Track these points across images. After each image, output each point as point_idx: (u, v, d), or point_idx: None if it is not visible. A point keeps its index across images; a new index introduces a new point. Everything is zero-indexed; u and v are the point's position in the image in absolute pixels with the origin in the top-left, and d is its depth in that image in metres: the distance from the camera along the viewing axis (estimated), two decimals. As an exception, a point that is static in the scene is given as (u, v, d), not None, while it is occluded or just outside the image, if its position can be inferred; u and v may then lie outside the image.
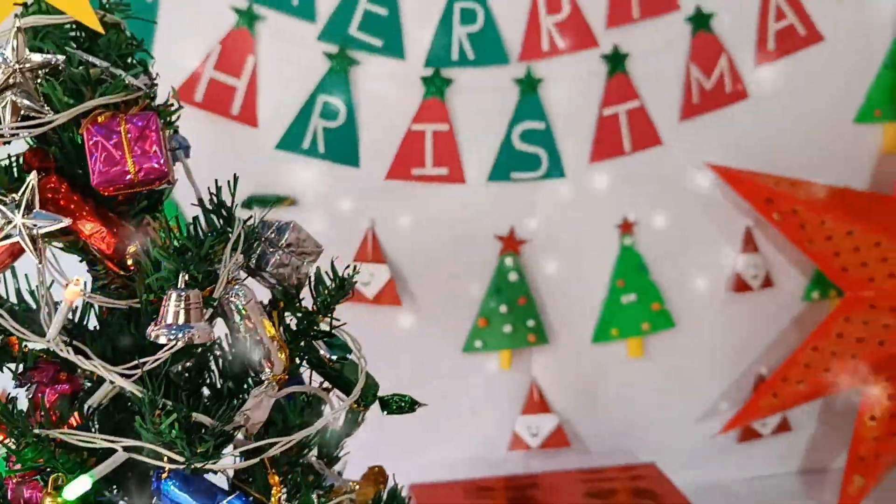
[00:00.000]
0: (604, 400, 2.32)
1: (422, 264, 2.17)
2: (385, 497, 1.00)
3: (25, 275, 0.77)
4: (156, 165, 0.67)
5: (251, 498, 0.72)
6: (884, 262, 2.05)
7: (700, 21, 2.13)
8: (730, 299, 2.30)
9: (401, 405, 1.03)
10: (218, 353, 0.80)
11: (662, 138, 2.18)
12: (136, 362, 0.66)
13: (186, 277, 0.67)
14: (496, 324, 2.19)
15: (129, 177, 0.65)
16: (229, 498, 0.69)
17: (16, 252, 0.69)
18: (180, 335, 0.66)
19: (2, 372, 0.69)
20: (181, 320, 0.66)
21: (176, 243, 0.66)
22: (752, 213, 2.23)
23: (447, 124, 2.09)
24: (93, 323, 0.75)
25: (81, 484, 0.64)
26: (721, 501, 2.29)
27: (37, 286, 0.72)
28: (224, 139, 2.01)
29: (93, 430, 0.68)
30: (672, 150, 2.19)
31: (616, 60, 2.11)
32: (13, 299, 0.74)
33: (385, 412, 1.05)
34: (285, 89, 2.02)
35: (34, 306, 0.74)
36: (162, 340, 0.66)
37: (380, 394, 1.04)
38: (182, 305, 0.66)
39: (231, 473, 0.77)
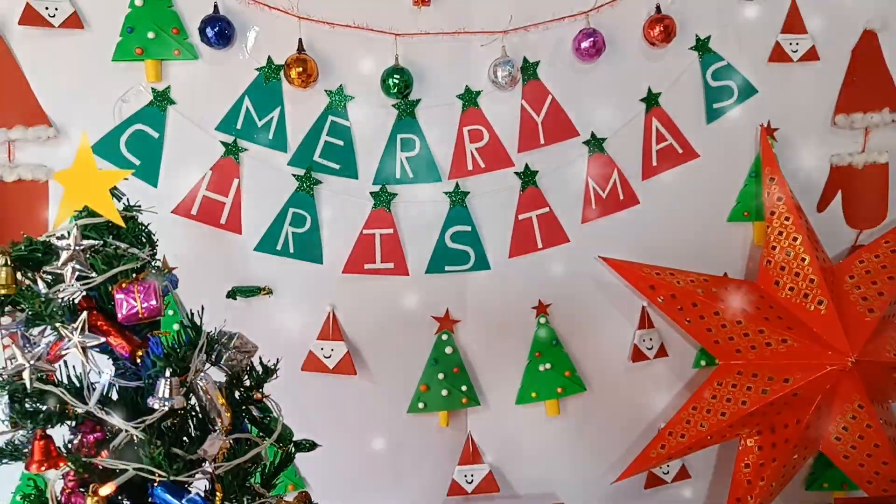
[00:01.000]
0: (528, 452, 2.73)
1: (373, 341, 2.59)
2: (309, 513, 1.44)
3: (73, 366, 1.25)
4: (154, 308, 1.16)
5: (205, 497, 1.18)
6: (745, 336, 2.50)
7: (595, 144, 2.59)
8: (631, 367, 2.75)
9: (307, 445, 1.48)
10: (193, 413, 1.26)
11: (569, 237, 2.64)
12: (141, 419, 1.13)
13: (169, 371, 1.15)
14: (435, 389, 2.62)
15: (139, 316, 1.14)
16: (190, 496, 1.16)
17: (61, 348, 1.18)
18: (166, 404, 1.14)
19: (62, 425, 1.15)
20: (167, 395, 1.13)
21: (165, 350, 1.15)
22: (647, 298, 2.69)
23: (392, 229, 2.53)
24: (115, 396, 1.22)
25: (110, 487, 1.11)
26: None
27: (82, 373, 1.19)
28: (214, 243, 2.47)
29: (115, 458, 1.14)
30: (577, 247, 2.63)
31: (528, 176, 2.58)
32: (65, 380, 1.21)
33: (295, 451, 1.50)
34: (263, 204, 2.47)
35: (79, 385, 1.21)
36: (156, 406, 1.13)
37: (296, 439, 1.49)
38: (168, 386, 1.14)
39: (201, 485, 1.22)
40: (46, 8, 2.28)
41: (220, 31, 2.34)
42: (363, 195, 2.53)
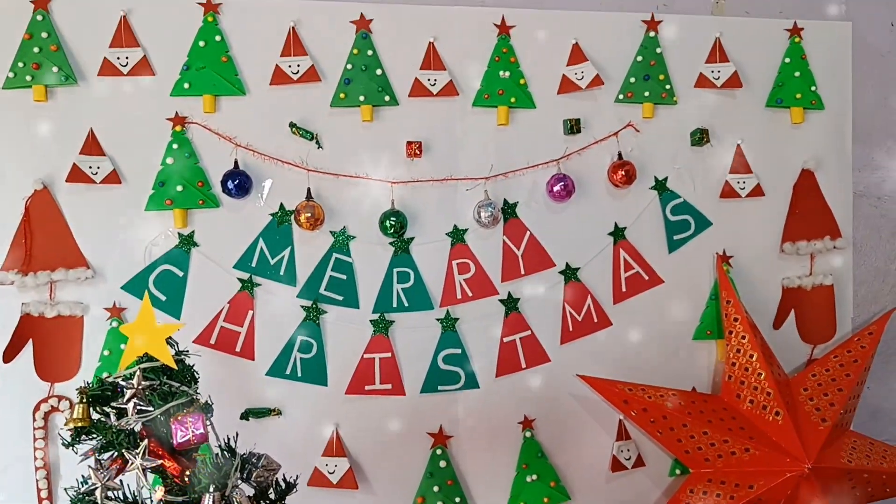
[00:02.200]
0: (518, 561, 2.94)
1: (373, 456, 2.82)
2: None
3: (128, 484, 1.51)
4: (203, 436, 1.43)
5: None
6: (712, 446, 2.74)
7: (570, 274, 2.91)
8: (611, 477, 2.98)
9: None
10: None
11: (550, 357, 2.93)
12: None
13: (213, 487, 1.41)
14: (431, 501, 2.80)
15: (190, 442, 1.41)
16: None
17: (121, 471, 1.44)
18: (211, 517, 1.40)
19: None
20: (210, 508, 1.40)
21: (209, 470, 1.41)
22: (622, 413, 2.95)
23: (390, 353, 2.80)
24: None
25: None
26: None
27: (136, 490, 1.45)
28: (230, 369, 2.73)
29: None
30: (557, 366, 2.91)
31: (511, 303, 2.88)
32: (121, 496, 1.47)
33: None
34: (273, 332, 2.75)
35: (133, 501, 1.47)
36: (202, 518, 1.39)
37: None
38: (211, 500, 1.40)
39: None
40: (90, 167, 2.64)
41: (239, 183, 2.69)
42: (364, 323, 2.82)
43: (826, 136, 3.09)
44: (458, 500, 2.85)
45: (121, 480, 1.46)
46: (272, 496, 1.57)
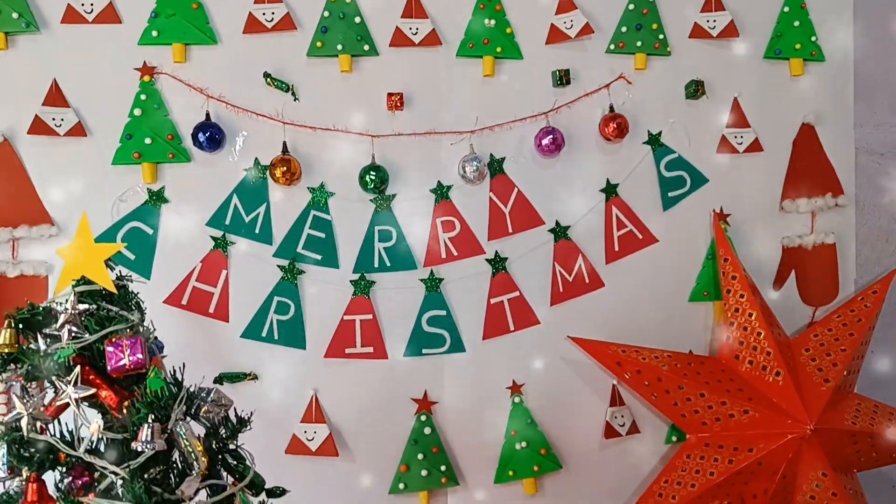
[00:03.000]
0: (507, 532, 2.82)
1: (354, 423, 2.70)
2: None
3: (66, 422, 1.38)
4: (140, 361, 1.31)
5: None
6: (709, 409, 2.61)
7: (559, 232, 2.79)
8: (605, 444, 2.85)
9: (278, 492, 1.59)
10: (174, 464, 1.37)
11: (539, 319, 2.80)
12: (126, 464, 1.25)
13: (152, 418, 1.28)
14: (415, 469, 2.70)
15: (126, 366, 1.29)
16: None
17: (62, 409, 1.31)
18: (148, 447, 1.27)
19: (54, 470, 1.26)
20: (149, 438, 1.27)
21: (149, 399, 1.29)
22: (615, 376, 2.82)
23: (371, 315, 2.68)
24: (103, 448, 1.34)
25: None
26: None
27: (74, 426, 1.32)
28: (203, 331, 2.61)
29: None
30: (547, 328, 2.78)
31: (498, 263, 2.75)
32: (58, 434, 1.34)
33: (268, 496, 1.61)
34: (249, 293, 2.63)
35: (70, 438, 1.33)
36: (139, 449, 1.26)
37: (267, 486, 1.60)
38: (150, 430, 1.27)
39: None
40: (53, 119, 2.51)
41: (211, 135, 2.56)
42: (344, 284, 2.70)
43: (827, 89, 2.96)
44: (443, 468, 2.73)
45: (59, 420, 1.34)
46: (223, 434, 1.45)
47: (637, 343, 2.78)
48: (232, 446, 1.48)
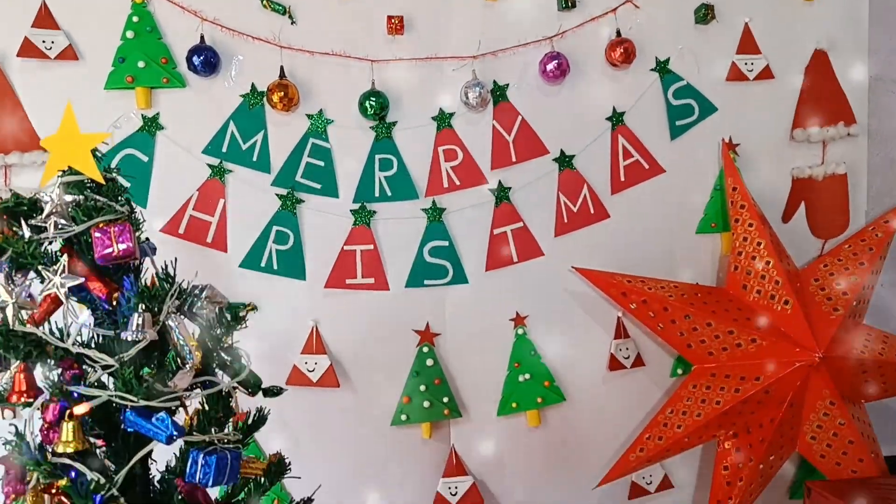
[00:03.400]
0: (511, 463, 2.77)
1: (356, 354, 2.66)
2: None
3: (56, 321, 1.33)
4: (129, 249, 1.26)
5: (173, 419, 1.25)
6: (716, 338, 2.57)
7: (564, 161, 2.72)
8: (609, 377, 2.82)
9: (274, 391, 1.55)
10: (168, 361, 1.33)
11: (543, 250, 2.75)
12: (118, 356, 1.21)
13: (143, 307, 1.24)
14: (417, 401, 2.67)
15: (113, 254, 1.24)
16: (159, 415, 1.23)
17: (56, 302, 1.27)
18: (139, 336, 1.23)
19: (42, 363, 1.22)
20: (140, 327, 1.22)
21: (140, 287, 1.24)
22: (621, 307, 2.77)
23: (372, 245, 2.63)
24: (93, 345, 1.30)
25: (84, 407, 1.18)
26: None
27: (64, 321, 1.28)
28: (200, 261, 2.53)
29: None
30: (551, 260, 2.73)
31: (501, 193, 2.69)
32: (47, 329, 1.29)
33: (265, 396, 1.57)
34: (247, 222, 2.58)
35: (59, 333, 1.28)
36: (129, 338, 1.22)
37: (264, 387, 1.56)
38: (141, 320, 1.23)
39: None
40: (43, 41, 2.44)
41: (206, 59, 2.49)
42: (344, 213, 2.64)
43: (840, 14, 2.87)
44: (446, 399, 2.69)
45: (49, 321, 1.29)
46: (218, 332, 1.40)
47: (643, 275, 2.73)
48: (227, 344, 1.44)
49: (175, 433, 1.21)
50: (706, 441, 2.64)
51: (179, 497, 1.20)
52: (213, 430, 1.35)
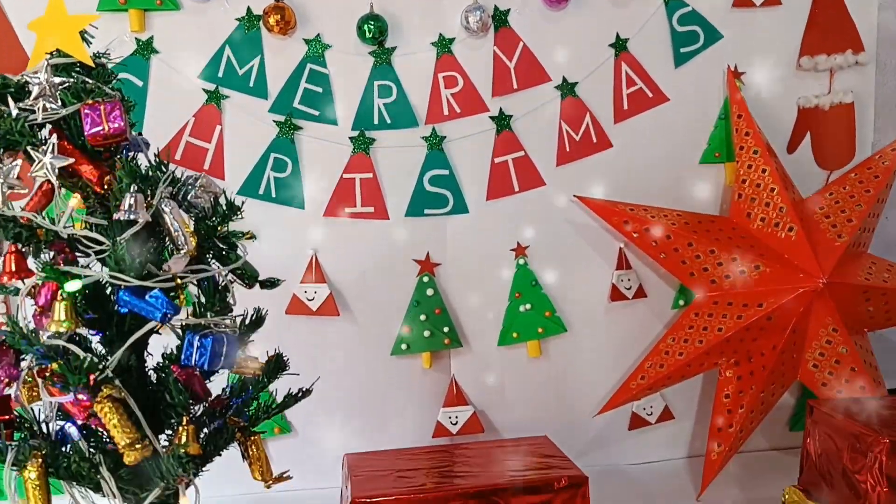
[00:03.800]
0: (511, 393, 2.77)
1: (355, 284, 2.64)
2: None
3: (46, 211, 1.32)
4: (120, 128, 1.23)
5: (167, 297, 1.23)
6: (719, 266, 2.54)
7: (567, 89, 2.67)
8: (610, 308, 2.80)
9: (270, 283, 1.53)
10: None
11: (544, 180, 2.72)
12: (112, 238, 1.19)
13: (135, 188, 1.21)
14: (417, 330, 2.66)
15: (103, 132, 1.20)
16: (153, 292, 1.21)
17: (48, 194, 1.24)
18: (131, 216, 1.20)
19: (31, 246, 1.18)
20: (133, 208, 1.20)
21: (131, 167, 1.21)
22: (622, 236, 2.74)
23: (371, 173, 2.60)
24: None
25: (75, 284, 1.16)
26: (616, 484, 2.67)
27: (55, 206, 1.24)
28: None
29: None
30: (552, 189, 2.70)
31: (502, 121, 2.65)
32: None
33: (262, 287, 1.56)
34: (244, 149, 2.55)
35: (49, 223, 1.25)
36: (121, 218, 1.19)
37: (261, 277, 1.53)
38: (133, 200, 1.20)
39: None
40: (33, -39, 2.37)
41: (199, -21, 2.43)
42: (342, 140, 2.60)
43: (850, -64, 2.80)
44: (446, 329, 2.68)
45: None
46: (214, 221, 1.38)
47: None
48: (222, 233, 1.41)
49: (170, 311, 1.19)
50: (708, 369, 2.62)
51: (174, 379, 1.19)
52: (209, 314, 1.33)
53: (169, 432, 1.22)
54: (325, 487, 2.62)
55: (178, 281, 1.24)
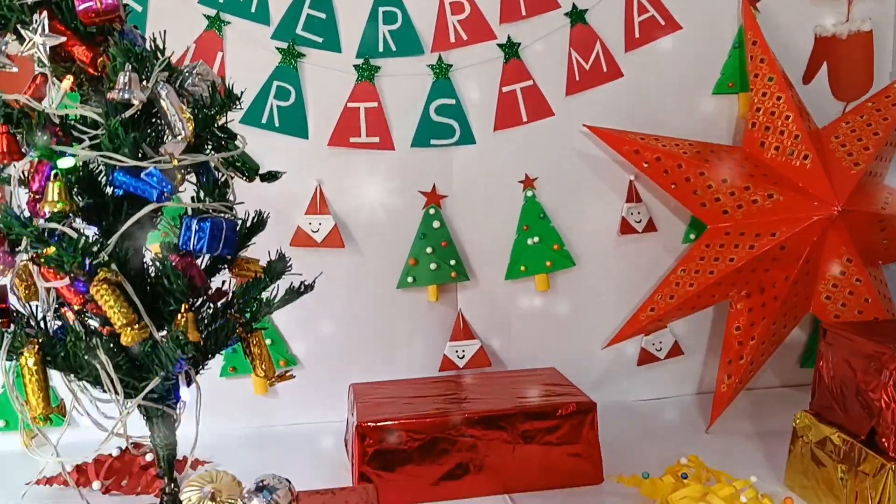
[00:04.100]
0: (518, 327, 2.74)
1: (361, 216, 2.60)
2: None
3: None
4: (112, 2, 1.18)
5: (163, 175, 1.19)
6: (731, 195, 2.48)
7: (577, 16, 2.59)
8: (619, 241, 2.75)
9: (272, 175, 1.50)
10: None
11: (553, 110, 2.66)
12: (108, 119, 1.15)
13: (130, 67, 1.17)
14: (424, 263, 2.62)
15: (95, 6, 1.16)
16: (148, 170, 1.17)
17: (42, 85, 1.19)
18: (125, 95, 1.16)
19: (20, 128, 1.14)
20: (127, 86, 1.16)
21: (124, 45, 1.17)
22: (634, 168, 2.68)
23: (376, 102, 2.54)
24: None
25: (68, 161, 1.12)
26: (624, 419, 2.65)
27: (47, 90, 1.20)
28: None
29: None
30: (562, 119, 2.64)
31: (510, 48, 2.58)
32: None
33: (262, 181, 1.52)
34: (246, 77, 2.45)
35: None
36: (115, 97, 1.15)
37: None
38: (128, 78, 1.15)
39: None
40: None
41: None
42: (347, 69, 2.54)
43: None
44: (453, 262, 2.64)
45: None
46: (212, 111, 1.34)
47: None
48: (221, 122, 1.37)
49: (166, 190, 1.15)
50: (719, 301, 2.58)
51: (171, 265, 1.15)
52: (207, 199, 1.30)
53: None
54: (332, 421, 2.61)
55: (176, 162, 1.20)
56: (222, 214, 1.30)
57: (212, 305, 1.34)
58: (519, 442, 2.14)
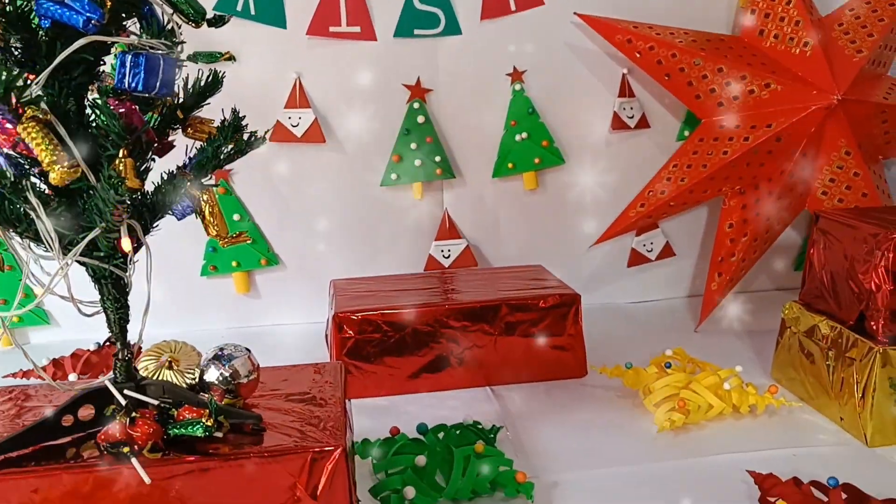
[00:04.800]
0: (506, 227, 2.68)
1: (342, 110, 2.51)
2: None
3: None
4: None
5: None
6: (727, 86, 2.39)
7: None
8: (610, 139, 2.66)
9: (220, 19, 1.41)
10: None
11: (543, -1, 2.54)
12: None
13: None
14: (408, 159, 2.54)
15: None
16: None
17: None
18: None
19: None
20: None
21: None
22: (627, 62, 2.57)
23: (357, -12, 2.44)
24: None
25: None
26: (613, 319, 2.62)
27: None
28: None
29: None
30: (551, 9, 2.51)
31: (498, -70, 2.47)
32: None
33: (209, 25, 1.43)
34: (220, -39, 2.41)
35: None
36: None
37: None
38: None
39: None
40: None
41: None
42: (325, -49, 2.42)
43: None
44: (438, 159, 2.56)
45: None
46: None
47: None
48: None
49: (94, 16, 1.07)
50: (711, 196, 2.50)
51: (104, 103, 1.07)
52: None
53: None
54: (313, 322, 2.57)
55: (109, 2, 1.11)
56: (159, 52, 1.21)
57: (155, 158, 1.27)
58: (502, 334, 2.10)
